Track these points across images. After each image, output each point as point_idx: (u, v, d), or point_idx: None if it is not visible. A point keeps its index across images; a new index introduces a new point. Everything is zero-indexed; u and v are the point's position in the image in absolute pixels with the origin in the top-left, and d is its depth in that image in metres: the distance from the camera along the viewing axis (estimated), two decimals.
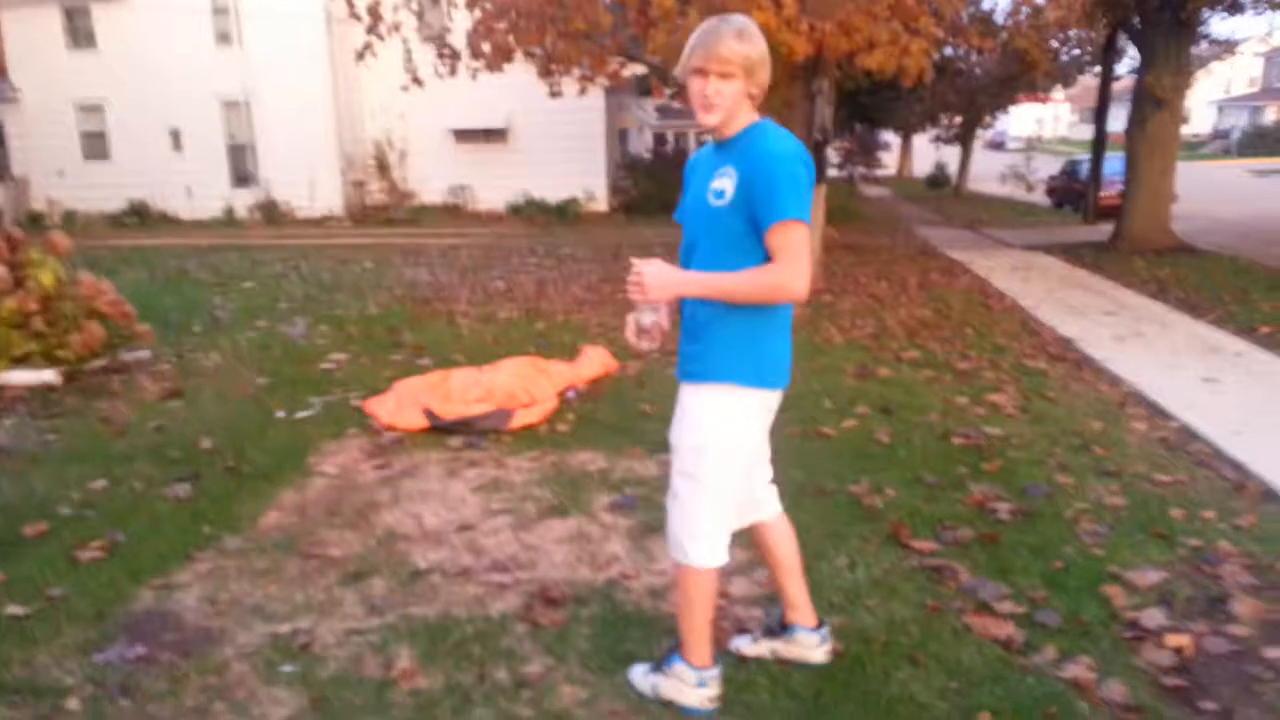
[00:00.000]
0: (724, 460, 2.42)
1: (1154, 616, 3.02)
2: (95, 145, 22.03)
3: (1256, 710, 2.56)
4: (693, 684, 2.56)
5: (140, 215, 21.42)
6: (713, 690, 2.58)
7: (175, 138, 21.73)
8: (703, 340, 2.41)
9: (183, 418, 5.50)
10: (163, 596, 3.29)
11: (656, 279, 2.29)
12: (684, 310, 2.50)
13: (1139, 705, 2.58)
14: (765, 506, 2.72)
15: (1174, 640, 2.87)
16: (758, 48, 2.28)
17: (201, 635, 3.02)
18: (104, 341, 6.42)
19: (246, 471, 4.55)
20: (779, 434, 2.77)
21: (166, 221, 21.51)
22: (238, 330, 8.23)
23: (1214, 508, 3.97)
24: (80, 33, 21.38)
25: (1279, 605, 3.12)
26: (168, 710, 2.63)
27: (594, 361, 6.34)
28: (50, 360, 6.16)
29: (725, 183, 2.33)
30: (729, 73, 2.26)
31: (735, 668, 2.74)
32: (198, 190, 21.72)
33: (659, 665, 2.65)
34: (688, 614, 2.54)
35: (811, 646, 2.77)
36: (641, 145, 30.10)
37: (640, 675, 2.69)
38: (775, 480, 2.76)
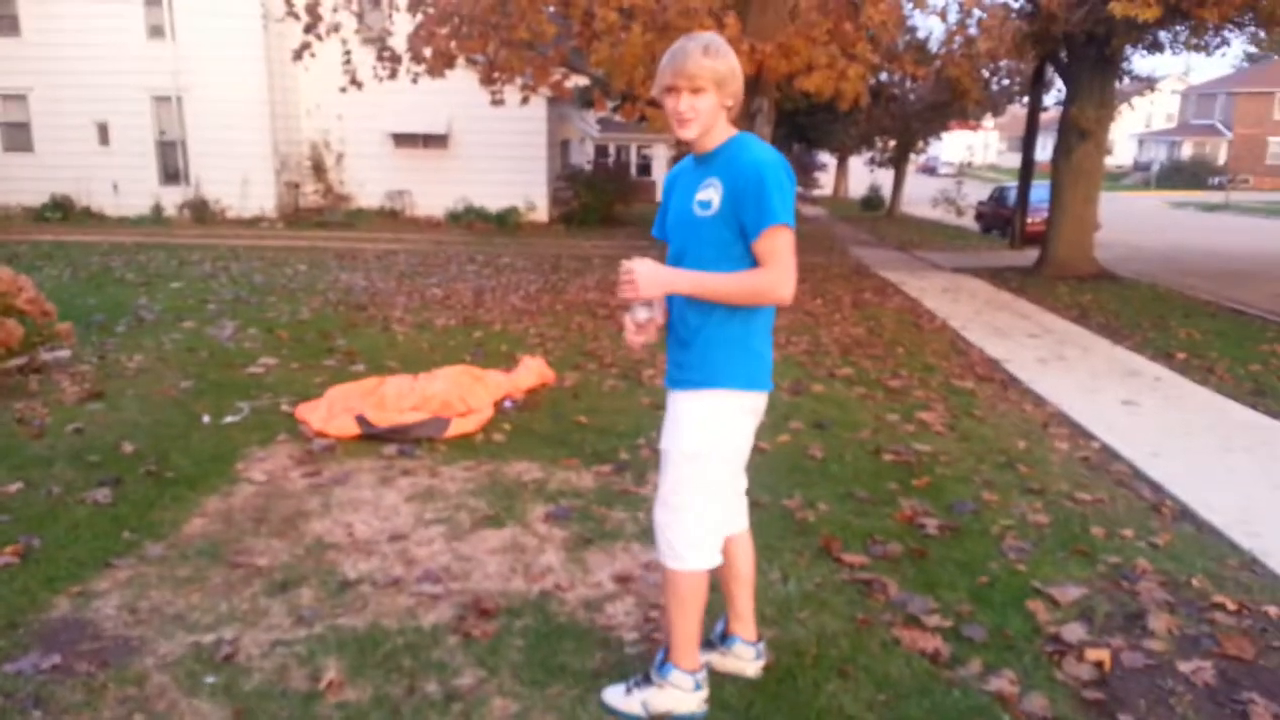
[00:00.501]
0: (720, 465, 2.48)
1: (1075, 631, 3.11)
2: (17, 136, 21.22)
3: None
4: (690, 689, 2.57)
5: (64, 210, 20.68)
6: (706, 691, 2.61)
7: (103, 131, 21.04)
8: (694, 347, 2.45)
9: (104, 420, 5.33)
10: (80, 604, 3.17)
11: (648, 276, 2.35)
12: (672, 316, 2.54)
13: (1059, 718, 2.65)
14: (734, 522, 2.74)
15: (1094, 654, 2.96)
16: (726, 61, 2.33)
17: (120, 645, 2.92)
18: (22, 340, 6.17)
19: (170, 477, 4.42)
20: None
21: (91, 217, 20.82)
22: (163, 331, 8.01)
23: (1132, 526, 4.11)
24: (2, 19, 20.62)
25: (1192, 621, 3.24)
26: None
27: (531, 371, 6.31)
28: None
29: (711, 194, 2.38)
30: (700, 87, 2.32)
31: None
32: (125, 186, 21.07)
33: (644, 680, 2.62)
34: (681, 617, 2.54)
35: (748, 660, 2.79)
36: (583, 157, 30.15)
37: (620, 696, 2.64)
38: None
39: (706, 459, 2.46)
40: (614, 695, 2.66)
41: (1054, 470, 4.92)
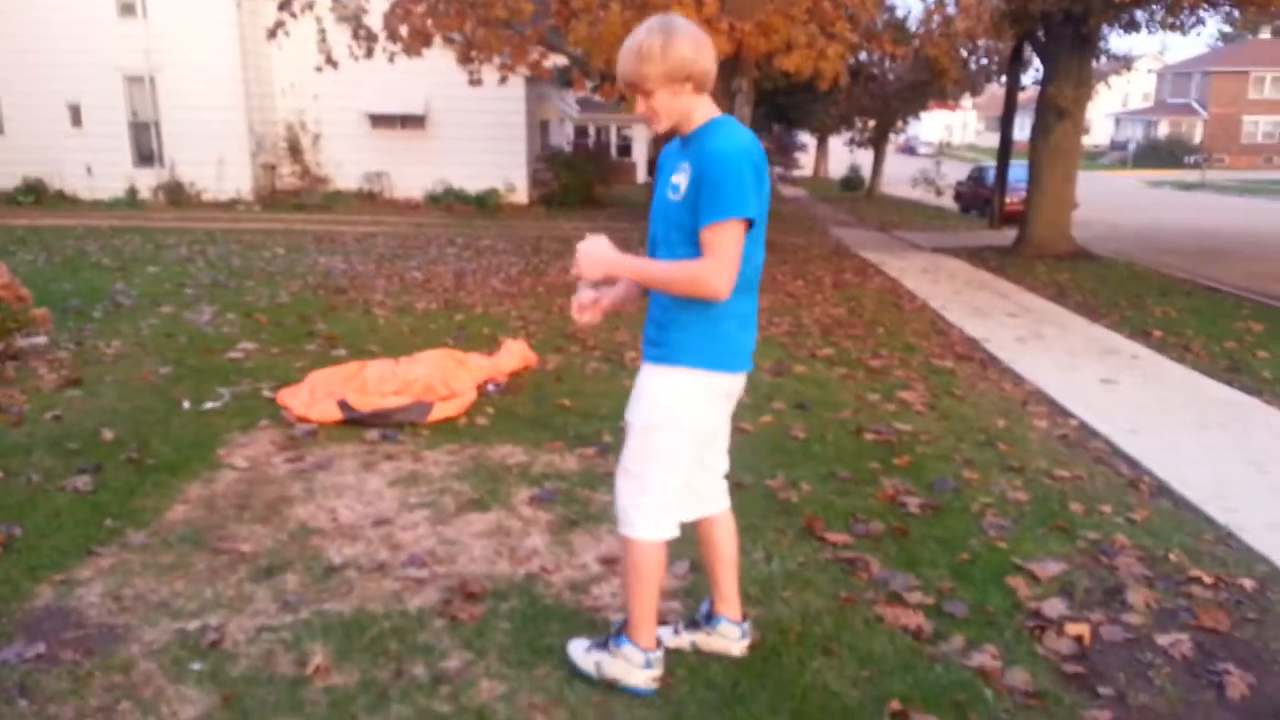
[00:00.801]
0: (678, 439, 2.48)
1: (1055, 606, 3.16)
2: None
3: (1148, 694, 2.70)
4: (639, 665, 2.60)
5: (36, 194, 20.37)
6: (657, 671, 2.63)
7: (74, 113, 20.70)
8: (665, 325, 2.47)
9: (82, 407, 5.28)
10: (63, 593, 3.15)
11: (588, 257, 2.40)
12: (650, 296, 2.55)
13: (1041, 691, 2.69)
14: (713, 502, 2.75)
15: (1074, 629, 3.00)
16: (667, 58, 2.26)
17: (105, 633, 2.91)
18: None
19: (150, 464, 4.39)
20: None
21: (65, 201, 20.53)
22: (141, 317, 7.93)
23: (1111, 502, 4.17)
24: None
25: (1170, 594, 3.29)
26: (70, 711, 2.52)
27: (514, 354, 6.29)
28: None
29: (681, 178, 2.37)
30: (646, 90, 2.32)
31: None
32: (98, 169, 20.76)
33: (603, 643, 2.68)
34: (636, 590, 2.58)
35: (733, 639, 2.82)
36: (563, 137, 30.00)
37: (581, 651, 2.72)
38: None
39: (667, 434, 2.47)
40: (577, 649, 2.74)
41: (1033, 448, 4.97)
